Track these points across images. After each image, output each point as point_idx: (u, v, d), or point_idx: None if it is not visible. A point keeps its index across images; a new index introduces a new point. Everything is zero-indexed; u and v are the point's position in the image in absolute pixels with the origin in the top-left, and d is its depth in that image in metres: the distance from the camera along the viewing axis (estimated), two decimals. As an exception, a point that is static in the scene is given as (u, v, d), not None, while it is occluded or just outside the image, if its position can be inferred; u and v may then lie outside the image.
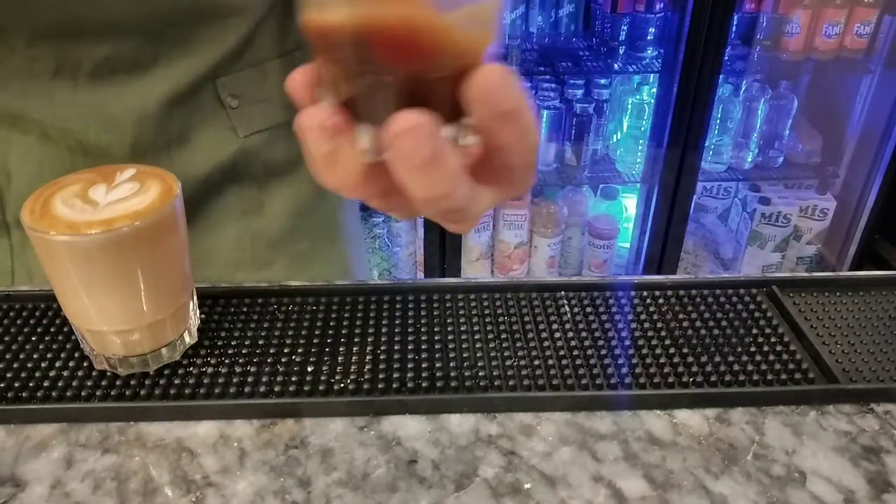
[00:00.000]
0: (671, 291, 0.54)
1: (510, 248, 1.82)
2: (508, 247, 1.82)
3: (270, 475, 0.41)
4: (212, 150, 0.60)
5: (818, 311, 0.53)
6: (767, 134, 1.75)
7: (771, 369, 0.47)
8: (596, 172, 1.75)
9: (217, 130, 0.60)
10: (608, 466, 0.41)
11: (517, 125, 0.26)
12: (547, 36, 1.67)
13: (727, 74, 1.67)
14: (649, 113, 1.66)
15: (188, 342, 0.49)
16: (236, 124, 0.60)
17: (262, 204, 0.64)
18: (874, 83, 1.68)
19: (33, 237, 0.41)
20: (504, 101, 0.25)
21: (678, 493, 0.39)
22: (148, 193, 0.43)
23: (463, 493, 0.39)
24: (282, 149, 0.63)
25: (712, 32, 1.43)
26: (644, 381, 0.46)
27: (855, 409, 0.45)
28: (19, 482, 0.40)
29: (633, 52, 1.64)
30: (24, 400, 0.45)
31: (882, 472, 0.41)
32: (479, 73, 0.24)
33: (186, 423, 0.44)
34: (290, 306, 0.53)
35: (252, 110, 0.61)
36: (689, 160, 1.59)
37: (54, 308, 0.52)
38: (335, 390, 0.45)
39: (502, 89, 0.25)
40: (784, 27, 1.61)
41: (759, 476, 0.41)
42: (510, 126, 0.26)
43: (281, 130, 0.63)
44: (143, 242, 0.42)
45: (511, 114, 0.25)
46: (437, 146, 0.25)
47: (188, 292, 0.48)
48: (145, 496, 0.39)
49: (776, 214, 1.80)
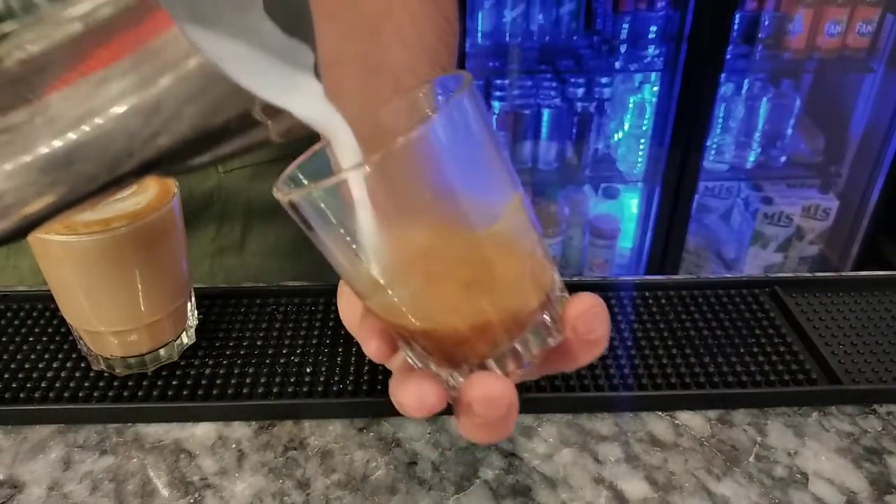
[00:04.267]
0: (673, 292, 0.54)
1: (511, 248, 1.81)
2: (510, 247, 1.81)
3: (269, 477, 0.40)
4: (188, 182, 0.58)
5: (821, 311, 0.52)
6: (770, 133, 1.74)
7: (773, 370, 0.47)
8: (597, 172, 1.75)
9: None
10: (609, 468, 0.41)
11: (598, 349, 0.29)
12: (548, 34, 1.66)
13: (729, 73, 1.66)
14: (651, 112, 1.65)
15: (186, 343, 0.49)
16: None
17: (243, 242, 0.63)
18: (876, 82, 1.68)
19: (31, 237, 0.41)
20: (594, 329, 0.28)
21: (680, 495, 0.39)
22: (146, 194, 0.43)
23: (463, 495, 0.39)
24: (266, 187, 0.62)
25: (714, 31, 1.43)
26: (645, 383, 0.46)
27: (857, 409, 0.45)
28: (17, 483, 0.40)
29: (634, 50, 1.64)
30: (21, 401, 0.45)
31: (884, 473, 0.41)
32: (576, 302, 0.28)
33: (184, 425, 0.44)
34: (289, 307, 0.53)
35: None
36: (691, 159, 1.58)
37: (52, 308, 0.52)
38: (334, 391, 0.45)
39: (594, 320, 0.28)
40: (786, 26, 1.61)
41: (762, 477, 0.40)
42: (592, 349, 0.29)
43: (266, 168, 0.62)
44: (140, 243, 0.42)
45: (597, 341, 0.29)
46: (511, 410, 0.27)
47: (186, 293, 0.48)
48: (143, 498, 0.39)
49: (778, 214, 1.79)
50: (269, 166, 0.62)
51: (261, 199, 0.62)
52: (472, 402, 0.26)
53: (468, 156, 0.26)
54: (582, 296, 0.28)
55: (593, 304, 0.28)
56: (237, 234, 0.62)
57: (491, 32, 1.62)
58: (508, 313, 0.27)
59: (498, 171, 0.26)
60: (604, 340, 0.29)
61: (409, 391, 0.27)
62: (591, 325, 0.28)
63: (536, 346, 0.28)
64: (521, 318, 0.28)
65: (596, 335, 0.28)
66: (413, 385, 0.27)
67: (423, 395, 0.27)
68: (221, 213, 0.61)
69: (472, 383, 0.27)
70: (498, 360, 0.28)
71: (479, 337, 0.27)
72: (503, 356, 0.28)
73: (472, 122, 0.25)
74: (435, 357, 0.29)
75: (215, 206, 0.61)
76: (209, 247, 0.62)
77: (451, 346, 0.28)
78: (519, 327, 0.28)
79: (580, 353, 0.29)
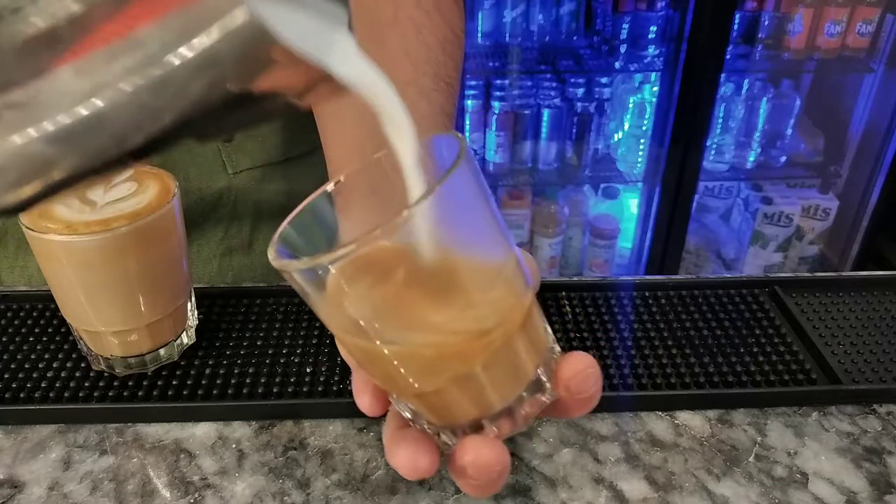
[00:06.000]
0: (673, 292, 0.54)
1: (511, 248, 1.81)
2: (509, 247, 1.81)
3: (269, 477, 0.40)
4: (199, 183, 0.59)
5: (820, 311, 0.52)
6: (769, 133, 1.74)
7: (773, 370, 0.47)
8: (597, 172, 1.75)
9: (206, 164, 0.59)
10: (609, 468, 0.41)
11: (590, 405, 0.30)
12: (548, 34, 1.66)
13: (729, 73, 1.66)
14: (651, 112, 1.65)
15: (186, 343, 0.49)
16: (226, 160, 0.60)
17: (252, 242, 0.63)
18: (876, 82, 1.68)
19: (31, 237, 0.41)
20: (587, 389, 0.29)
21: (680, 495, 0.39)
22: (146, 193, 0.43)
23: (463, 495, 0.39)
24: (275, 188, 0.62)
25: (714, 31, 1.43)
26: (645, 382, 0.46)
27: (857, 409, 0.45)
28: (17, 483, 0.40)
29: (634, 50, 1.64)
30: (21, 401, 0.45)
31: (884, 473, 0.41)
32: (570, 363, 0.28)
33: (185, 425, 0.44)
34: (289, 307, 0.53)
35: (245, 145, 0.60)
36: (690, 159, 1.58)
37: (52, 308, 0.52)
38: (334, 391, 0.45)
39: (587, 381, 0.29)
40: (786, 26, 1.61)
41: (761, 477, 0.40)
42: (584, 406, 0.30)
43: (275, 168, 0.62)
44: (141, 242, 0.42)
45: (589, 399, 0.29)
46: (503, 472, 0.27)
47: (186, 293, 0.48)
48: (143, 498, 0.39)
49: (778, 214, 1.79)
50: (277, 168, 0.62)
51: (269, 200, 0.62)
52: (466, 466, 0.27)
53: (467, 226, 0.26)
54: (575, 356, 0.29)
55: (587, 364, 0.29)
56: (246, 234, 0.63)
57: (491, 32, 1.62)
58: (504, 378, 0.28)
59: (495, 237, 0.26)
60: (595, 398, 0.30)
61: (402, 455, 0.28)
62: (584, 386, 0.29)
63: (530, 403, 0.28)
64: (517, 381, 0.28)
65: (588, 394, 0.29)
66: (407, 447, 0.28)
67: (417, 460, 0.28)
68: (231, 213, 0.61)
69: (466, 448, 0.27)
70: (492, 420, 0.28)
71: (473, 401, 0.28)
72: (498, 415, 0.28)
73: (470, 191, 0.25)
74: (428, 417, 0.29)
75: (225, 206, 0.61)
76: (218, 247, 0.62)
77: (444, 408, 0.28)
78: (513, 390, 0.28)
79: (572, 409, 0.30)
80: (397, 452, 0.28)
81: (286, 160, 0.63)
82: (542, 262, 1.82)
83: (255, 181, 0.61)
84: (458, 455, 0.27)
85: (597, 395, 0.29)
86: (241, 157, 0.60)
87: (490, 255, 0.27)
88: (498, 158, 1.68)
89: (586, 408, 0.30)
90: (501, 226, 0.27)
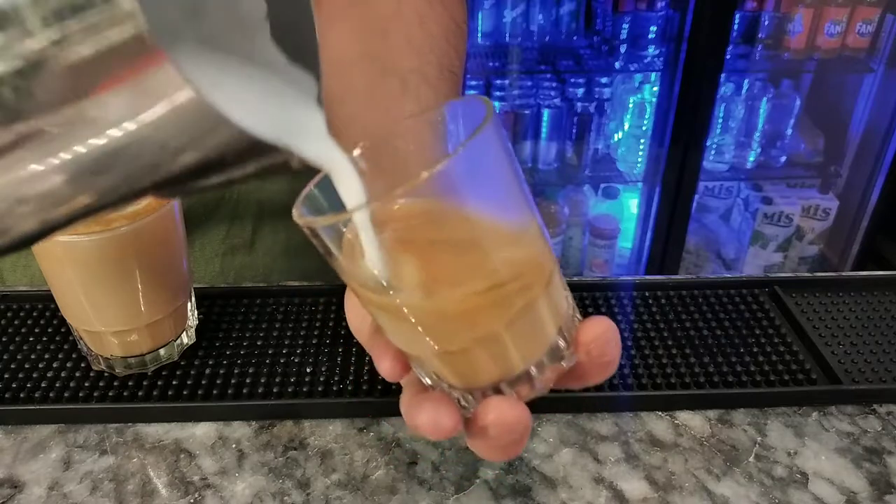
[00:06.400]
0: (673, 292, 0.54)
1: (511, 248, 1.80)
2: (509, 247, 1.80)
3: (269, 477, 0.40)
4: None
5: (820, 311, 0.52)
6: (770, 133, 1.74)
7: (773, 370, 0.47)
8: (597, 172, 1.75)
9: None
10: (609, 468, 0.41)
11: (610, 370, 0.30)
12: (548, 34, 1.66)
13: (729, 73, 1.66)
14: (651, 112, 1.65)
15: (186, 343, 0.49)
16: None
17: (253, 242, 0.63)
18: (876, 82, 1.68)
19: (30, 237, 0.41)
20: (607, 353, 0.29)
21: (680, 495, 0.39)
22: (146, 193, 0.43)
23: (463, 495, 0.39)
24: (277, 187, 0.62)
25: (714, 31, 1.43)
26: (645, 382, 0.46)
27: (857, 409, 0.45)
28: (17, 483, 0.40)
29: (634, 50, 1.64)
30: (21, 401, 0.45)
31: (884, 473, 0.41)
32: (590, 326, 0.28)
33: (185, 425, 0.44)
34: (289, 307, 0.53)
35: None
36: (690, 159, 1.58)
37: (52, 308, 0.52)
38: (334, 391, 0.45)
39: (608, 345, 0.28)
40: (786, 26, 1.61)
41: (761, 477, 0.40)
42: (604, 371, 0.30)
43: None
44: (140, 242, 0.42)
45: (609, 363, 0.29)
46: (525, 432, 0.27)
47: (186, 293, 0.48)
48: (143, 498, 0.39)
49: (778, 214, 1.79)
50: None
51: (271, 199, 0.62)
52: (488, 426, 0.27)
53: (492, 188, 0.26)
54: (595, 320, 0.29)
55: (606, 328, 0.29)
56: (247, 233, 0.63)
57: (491, 32, 1.62)
58: (526, 340, 0.28)
59: (519, 201, 0.27)
60: (615, 363, 0.29)
61: (425, 414, 0.28)
62: (605, 349, 0.29)
63: (551, 369, 0.28)
64: (538, 344, 0.28)
65: (609, 358, 0.29)
66: (429, 407, 0.28)
67: (439, 419, 0.27)
68: (232, 212, 0.61)
69: (488, 408, 0.27)
70: (512, 384, 0.28)
71: (496, 362, 0.28)
72: (517, 379, 0.28)
73: (496, 152, 0.25)
74: (449, 379, 0.29)
75: (226, 205, 0.61)
76: (220, 246, 0.62)
77: (467, 369, 0.28)
78: (535, 352, 0.28)
79: (591, 375, 0.30)
80: (419, 413, 0.28)
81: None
82: (542, 262, 1.81)
83: (258, 180, 0.61)
84: (480, 415, 0.27)
85: (616, 359, 0.29)
86: None
87: (513, 217, 0.27)
88: (498, 158, 1.68)
89: (605, 373, 0.30)
90: (525, 190, 0.27)
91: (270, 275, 0.63)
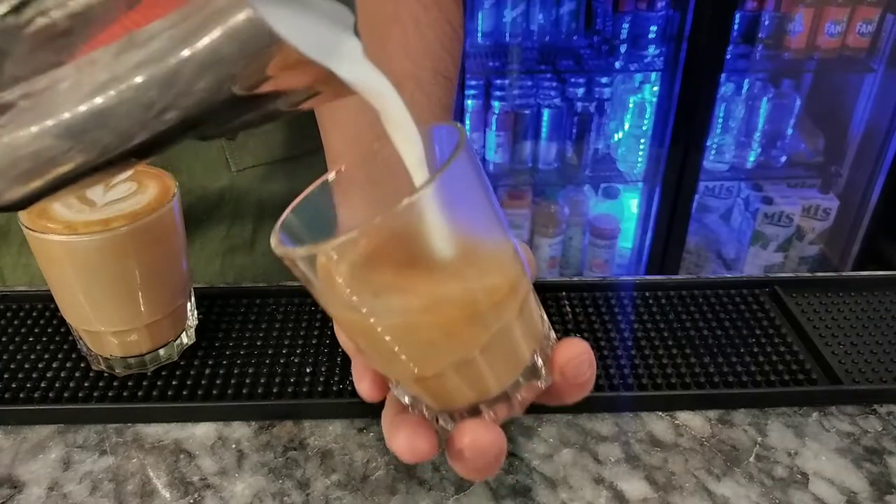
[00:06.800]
0: (673, 292, 0.54)
1: (511, 248, 1.80)
2: (509, 246, 1.80)
3: (269, 477, 0.40)
4: (201, 181, 0.59)
5: (821, 311, 0.52)
6: (770, 133, 1.74)
7: (773, 370, 0.47)
8: (597, 172, 1.75)
9: (209, 162, 0.59)
10: (609, 468, 0.41)
11: (585, 391, 0.30)
12: (548, 34, 1.66)
13: (729, 73, 1.66)
14: (651, 112, 1.65)
15: (186, 343, 0.49)
16: (229, 157, 0.59)
17: (253, 241, 0.63)
18: (877, 82, 1.68)
19: (30, 237, 0.41)
20: (582, 374, 0.29)
21: (680, 495, 0.39)
22: (146, 193, 0.43)
23: (463, 496, 0.39)
24: (278, 186, 0.62)
25: (714, 31, 1.43)
26: (646, 383, 0.46)
27: (858, 410, 0.45)
28: (17, 483, 0.40)
29: (634, 50, 1.64)
30: (21, 401, 0.45)
31: (885, 473, 0.41)
32: (565, 348, 0.29)
33: (184, 425, 0.44)
34: (289, 307, 0.53)
35: (249, 143, 0.60)
36: (691, 159, 1.58)
37: (51, 308, 0.52)
38: (334, 391, 0.45)
39: (582, 366, 0.29)
40: (786, 25, 1.61)
41: (762, 478, 0.40)
42: (579, 392, 0.30)
43: (278, 167, 0.62)
44: (140, 242, 0.42)
45: (584, 384, 0.30)
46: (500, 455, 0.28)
47: (186, 293, 0.48)
48: (143, 498, 0.39)
49: (779, 214, 1.79)
50: (280, 166, 0.62)
51: (272, 199, 0.62)
52: (464, 450, 0.27)
53: (466, 212, 0.26)
54: (570, 342, 0.29)
55: (582, 350, 0.29)
56: (248, 233, 0.63)
57: (491, 32, 1.62)
58: (502, 362, 0.28)
59: (493, 224, 0.27)
60: (590, 383, 0.30)
61: (402, 437, 0.29)
62: (579, 371, 0.29)
63: (526, 388, 0.29)
64: (514, 366, 0.28)
65: (583, 379, 0.30)
66: (406, 431, 0.28)
67: (416, 443, 0.28)
68: (233, 212, 0.61)
69: (463, 431, 0.27)
70: (489, 404, 0.29)
71: (472, 384, 0.28)
72: (495, 400, 0.28)
73: (469, 179, 0.25)
74: (426, 400, 0.29)
75: (227, 205, 0.61)
76: (220, 246, 0.62)
77: (443, 392, 0.28)
78: (511, 374, 0.28)
79: (566, 395, 0.30)
80: (396, 436, 0.29)
81: (289, 158, 0.63)
82: (542, 262, 1.82)
83: (258, 179, 0.61)
84: (455, 438, 0.27)
85: (591, 380, 0.30)
86: (244, 155, 0.60)
87: (487, 242, 0.27)
88: (498, 158, 1.68)
89: (580, 393, 0.30)
90: (499, 213, 0.27)
91: (270, 275, 0.63)
